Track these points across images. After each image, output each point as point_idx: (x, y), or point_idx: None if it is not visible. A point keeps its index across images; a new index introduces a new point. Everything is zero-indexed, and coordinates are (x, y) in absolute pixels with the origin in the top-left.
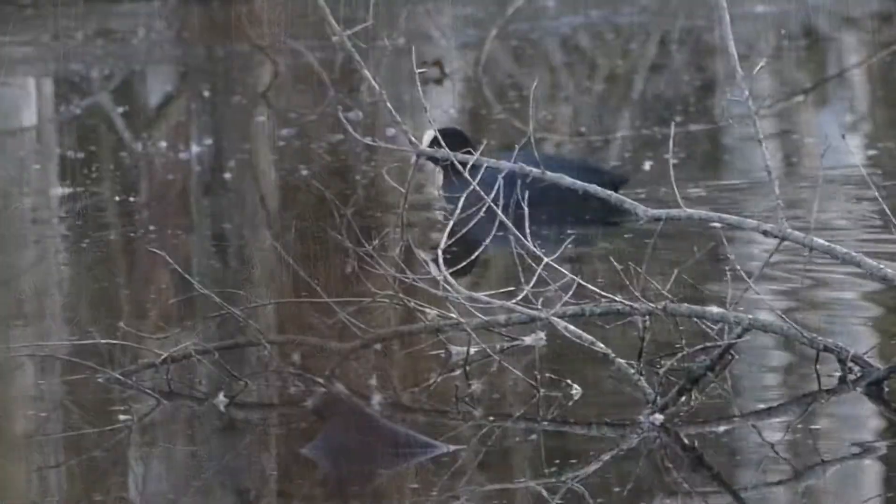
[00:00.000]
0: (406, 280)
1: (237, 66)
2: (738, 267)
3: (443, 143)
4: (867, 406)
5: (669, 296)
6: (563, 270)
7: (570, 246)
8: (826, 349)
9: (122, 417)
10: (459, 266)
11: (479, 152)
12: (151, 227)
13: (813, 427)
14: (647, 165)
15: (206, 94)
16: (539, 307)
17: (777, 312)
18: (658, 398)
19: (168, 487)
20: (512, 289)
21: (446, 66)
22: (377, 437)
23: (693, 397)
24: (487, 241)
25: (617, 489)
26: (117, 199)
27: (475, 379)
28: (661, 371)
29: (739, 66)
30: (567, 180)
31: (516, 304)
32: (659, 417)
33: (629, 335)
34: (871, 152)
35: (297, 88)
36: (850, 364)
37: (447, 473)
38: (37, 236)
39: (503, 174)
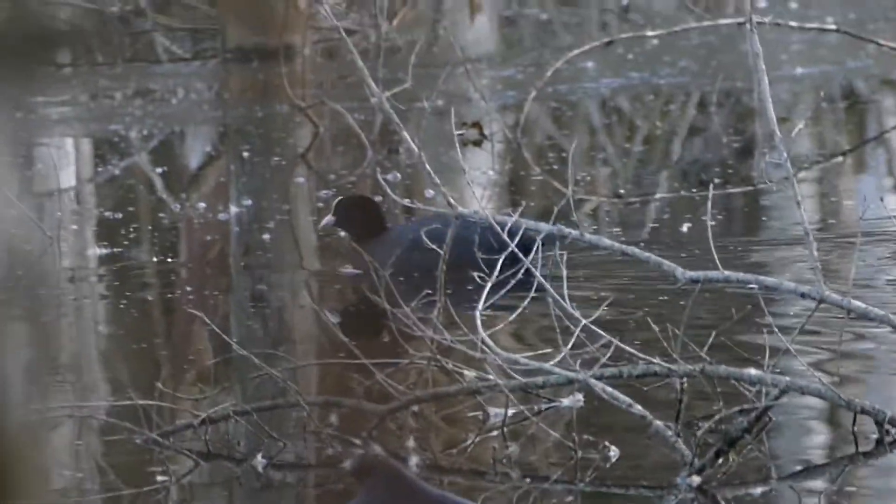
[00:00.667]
0: (444, 341)
1: (277, 127)
2: (776, 329)
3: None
4: None
5: (707, 358)
6: (600, 332)
7: (605, 308)
8: (863, 411)
9: (159, 478)
10: (495, 328)
11: (517, 213)
12: (189, 288)
13: (850, 489)
14: (684, 227)
15: (246, 154)
16: (577, 369)
17: (814, 375)
18: (695, 460)
19: None
20: (550, 350)
21: (485, 128)
22: (414, 499)
23: (730, 459)
24: (525, 304)
25: None
26: (155, 259)
27: (512, 441)
28: (699, 433)
29: (778, 128)
30: (606, 242)
31: (554, 365)
32: (696, 479)
33: (666, 396)
34: None
35: (336, 150)
36: (888, 426)
37: None
38: (74, 296)
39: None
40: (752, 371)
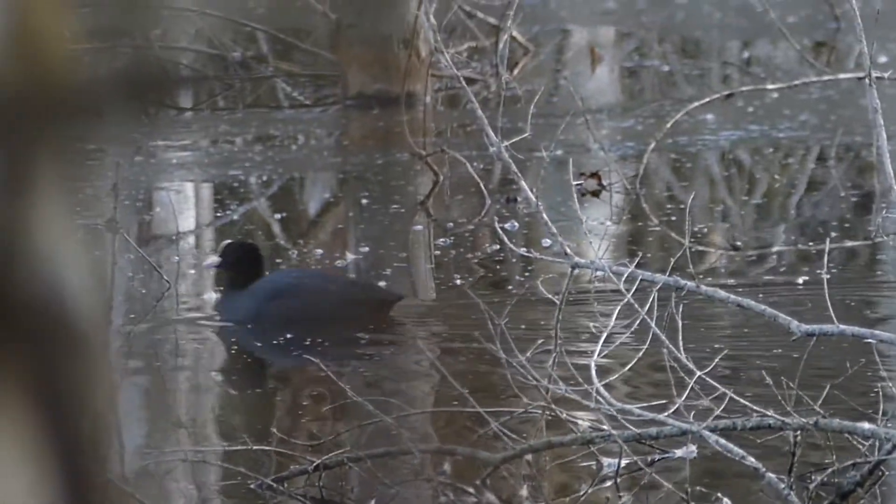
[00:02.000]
0: (558, 391)
1: (396, 175)
2: (890, 382)
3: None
4: None
5: (821, 411)
6: (714, 384)
7: (719, 360)
8: None
9: None
10: (610, 378)
11: (634, 264)
12: (304, 334)
13: None
14: (800, 280)
15: (365, 201)
16: (691, 420)
17: None
18: None
19: None
20: (664, 401)
21: (604, 178)
22: None
23: None
24: (640, 354)
25: None
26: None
27: (625, 491)
28: (812, 486)
29: (895, 183)
30: (721, 294)
31: (668, 416)
32: None
33: (780, 448)
34: None
35: (455, 198)
36: None
37: None
38: (191, 341)
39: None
40: (866, 425)
